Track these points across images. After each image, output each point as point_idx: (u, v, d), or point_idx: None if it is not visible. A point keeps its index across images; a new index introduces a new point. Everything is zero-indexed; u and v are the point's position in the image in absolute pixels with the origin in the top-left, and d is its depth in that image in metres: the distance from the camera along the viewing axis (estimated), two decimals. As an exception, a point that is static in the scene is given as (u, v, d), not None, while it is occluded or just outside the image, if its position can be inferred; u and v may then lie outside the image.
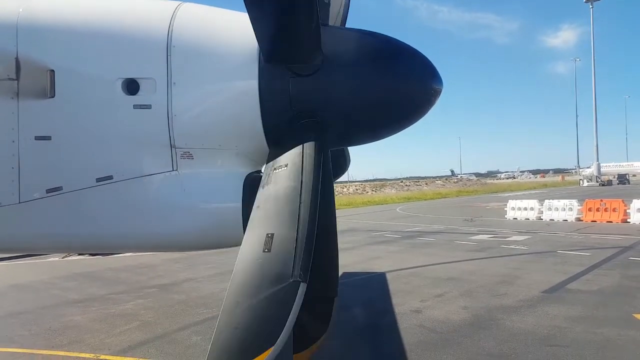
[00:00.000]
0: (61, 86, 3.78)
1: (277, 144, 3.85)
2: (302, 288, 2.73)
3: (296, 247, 2.85)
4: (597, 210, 25.39)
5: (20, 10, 3.89)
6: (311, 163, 3.27)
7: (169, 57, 3.74)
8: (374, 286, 11.92)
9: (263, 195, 3.36)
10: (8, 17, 3.84)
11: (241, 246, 3.13)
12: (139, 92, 3.77)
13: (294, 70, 3.70)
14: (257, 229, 3.14)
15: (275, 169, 3.44)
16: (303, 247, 2.85)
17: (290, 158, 3.40)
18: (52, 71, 3.76)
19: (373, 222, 30.15)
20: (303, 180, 3.17)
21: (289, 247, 2.88)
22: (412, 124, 4.18)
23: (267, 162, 3.72)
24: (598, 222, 24.46)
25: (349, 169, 6.15)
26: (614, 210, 24.67)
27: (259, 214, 3.26)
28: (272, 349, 2.59)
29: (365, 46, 3.90)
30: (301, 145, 3.41)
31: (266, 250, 2.95)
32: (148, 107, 3.76)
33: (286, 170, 3.33)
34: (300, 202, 3.05)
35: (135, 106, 3.76)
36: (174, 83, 3.74)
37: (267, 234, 3.01)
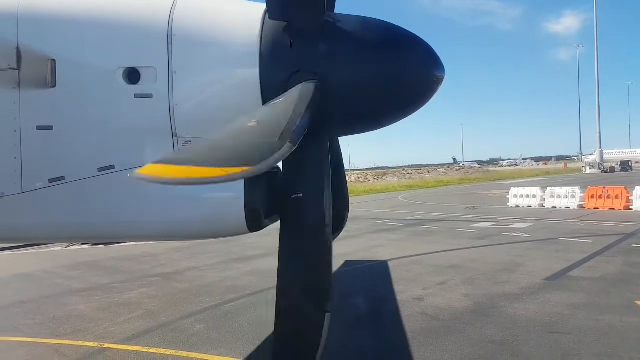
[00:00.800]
0: (62, 76, 3.76)
1: None
2: (289, 147, 2.62)
3: (287, 122, 2.82)
4: (600, 197, 25.39)
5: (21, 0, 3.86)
6: (309, 95, 3.24)
7: (169, 45, 3.71)
8: (376, 274, 11.96)
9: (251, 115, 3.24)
10: (9, 7, 3.82)
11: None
12: (140, 81, 3.75)
13: (297, 27, 3.65)
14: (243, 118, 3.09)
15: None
16: (294, 123, 2.82)
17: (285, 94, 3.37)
18: (54, 61, 3.75)
19: (375, 211, 30.20)
20: (297, 100, 3.14)
21: (279, 119, 2.86)
22: (414, 111, 4.15)
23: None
24: (600, 209, 24.46)
25: (350, 158, 6.07)
26: (616, 197, 24.66)
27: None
28: (249, 168, 2.46)
29: (366, 33, 3.87)
30: (300, 85, 3.39)
31: (254, 122, 2.92)
32: (149, 96, 3.75)
33: (280, 100, 3.29)
34: (293, 112, 2.98)
35: (137, 95, 3.75)
36: (175, 72, 3.72)
37: (256, 120, 2.96)
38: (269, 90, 3.70)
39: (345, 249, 13.93)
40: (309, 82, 3.41)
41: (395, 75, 3.83)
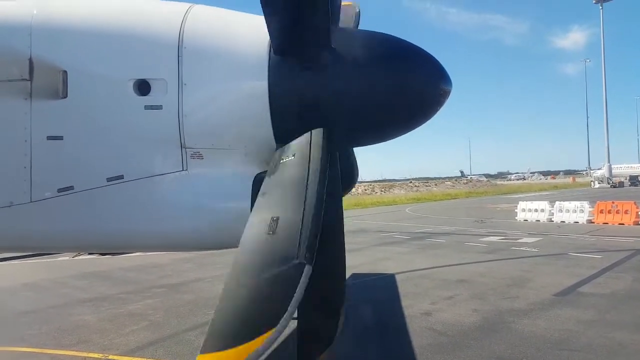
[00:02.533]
0: (73, 87, 3.80)
1: (286, 144, 3.85)
2: (308, 270, 2.63)
3: (302, 229, 2.77)
4: (609, 212, 25.13)
5: (35, 11, 3.92)
6: (318, 151, 3.25)
7: (180, 58, 3.75)
8: (384, 288, 11.88)
9: (269, 182, 3.35)
10: (22, 19, 3.87)
11: (245, 230, 3.09)
12: (150, 93, 3.78)
13: (303, 62, 3.68)
14: (261, 213, 3.11)
15: (282, 158, 3.44)
16: (309, 229, 2.77)
17: (298, 147, 3.39)
18: (65, 72, 3.78)
19: (382, 223, 30.09)
20: (310, 166, 3.14)
21: (294, 229, 2.80)
22: (420, 124, 4.16)
23: (275, 151, 3.71)
24: (610, 224, 24.21)
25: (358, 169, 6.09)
26: (625, 212, 24.41)
27: (264, 199, 3.24)
28: (273, 330, 2.50)
29: (374, 47, 3.89)
30: (309, 133, 3.40)
31: (270, 232, 2.89)
32: (159, 107, 3.77)
33: (293, 159, 3.33)
34: (306, 186, 3.00)
35: (147, 107, 3.78)
36: (185, 84, 3.75)
37: (272, 217, 2.96)
38: (278, 102, 3.71)
39: (352, 261, 13.82)
40: (319, 136, 3.40)
41: (402, 88, 3.84)
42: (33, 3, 4.06)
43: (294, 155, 3.36)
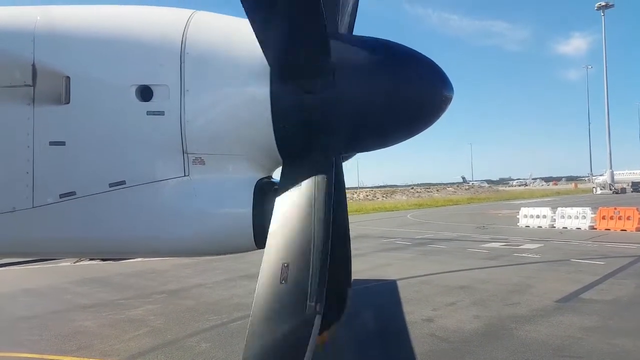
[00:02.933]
0: (76, 92, 3.81)
1: (287, 150, 3.86)
2: (318, 320, 2.90)
3: (311, 279, 3.01)
4: (611, 218, 25.09)
5: (38, 18, 3.94)
6: (322, 195, 3.39)
7: (182, 64, 3.76)
8: (385, 294, 11.85)
9: (277, 223, 3.47)
10: (26, 25, 3.89)
11: (259, 276, 3.27)
12: (153, 99, 3.79)
13: (305, 87, 3.72)
14: (273, 259, 3.29)
15: (289, 201, 3.55)
16: (317, 279, 3.01)
17: (303, 185, 3.52)
18: (68, 78, 3.80)
19: (383, 229, 30.04)
20: (315, 212, 3.31)
21: (303, 278, 3.05)
22: (422, 130, 4.17)
23: (280, 180, 3.77)
24: (612, 230, 24.16)
25: (359, 175, 6.13)
26: (628, 218, 24.36)
27: (274, 243, 3.37)
28: None
29: (375, 54, 3.90)
30: (314, 178, 3.51)
31: (283, 281, 3.12)
32: (161, 113, 3.78)
33: (299, 200, 3.47)
34: (313, 234, 3.19)
35: (149, 112, 3.79)
36: (187, 90, 3.76)
37: (283, 264, 3.17)
38: (279, 108, 3.72)
39: (353, 267, 13.71)
40: (322, 179, 3.50)
41: (404, 95, 3.85)
42: (36, 10, 4.09)
43: (299, 198, 3.48)
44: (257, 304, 3.16)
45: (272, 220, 3.50)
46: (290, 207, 3.48)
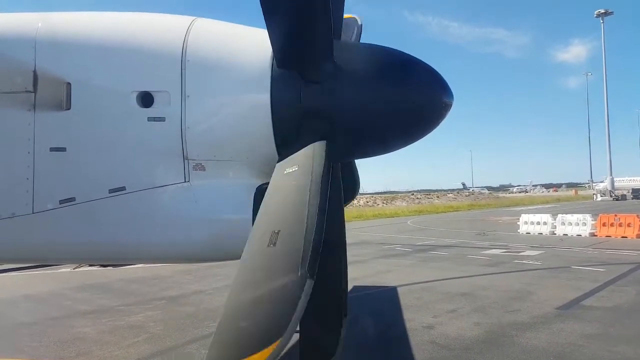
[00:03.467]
0: (77, 99, 3.83)
1: (288, 156, 3.86)
2: (309, 284, 2.63)
3: (304, 243, 2.76)
4: (612, 225, 25.04)
5: (39, 24, 3.96)
6: (320, 163, 3.25)
7: (183, 70, 3.78)
8: (385, 301, 11.81)
9: (271, 194, 3.35)
10: (27, 32, 3.91)
11: (247, 242, 3.08)
12: (154, 105, 3.81)
13: (306, 76, 3.71)
14: (262, 226, 3.11)
15: (284, 170, 3.44)
16: (310, 244, 2.76)
17: (300, 159, 3.40)
18: (69, 84, 3.81)
19: (384, 235, 30.00)
20: (312, 179, 3.13)
21: (295, 243, 2.79)
22: (422, 137, 4.18)
23: (278, 162, 3.72)
24: (612, 237, 24.11)
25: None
26: (628, 225, 24.30)
27: (265, 212, 3.24)
28: (276, 343, 2.50)
29: (376, 60, 3.92)
30: (311, 145, 3.41)
31: (271, 245, 2.88)
32: (162, 119, 3.80)
33: (295, 172, 3.33)
34: (307, 199, 2.98)
35: (150, 118, 3.80)
36: (188, 96, 3.77)
37: (274, 231, 2.95)
38: (280, 115, 3.73)
39: (354, 274, 13.78)
40: (321, 149, 3.41)
41: (404, 101, 3.86)
42: (38, 16, 4.11)
43: (296, 168, 3.36)
44: (242, 266, 2.96)
45: (265, 195, 3.39)
46: (284, 183, 3.36)
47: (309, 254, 2.72)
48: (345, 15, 4.65)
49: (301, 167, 3.33)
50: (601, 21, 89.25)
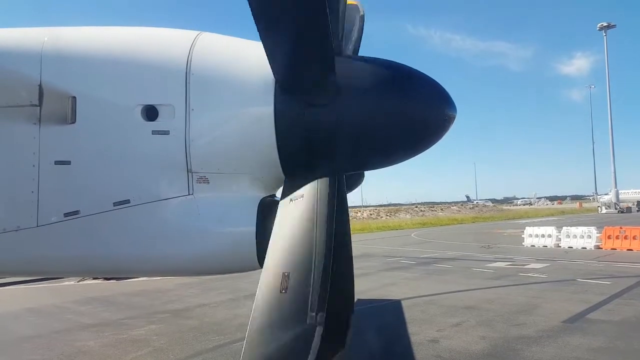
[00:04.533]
0: (82, 112, 3.85)
1: (291, 169, 3.87)
2: (319, 331, 2.81)
3: (312, 290, 2.92)
4: (617, 237, 24.85)
5: (45, 39, 4.00)
6: (324, 204, 3.36)
7: (187, 84, 3.80)
8: (390, 314, 11.73)
9: (278, 233, 3.44)
10: (33, 46, 3.96)
11: (259, 286, 3.22)
12: (158, 118, 3.83)
13: (309, 101, 3.74)
14: (273, 268, 3.25)
15: (289, 203, 3.54)
16: (318, 290, 2.93)
17: (305, 198, 3.48)
18: (74, 98, 3.84)
19: (388, 248, 29.88)
20: (317, 221, 3.26)
21: (304, 288, 2.97)
22: (425, 149, 4.18)
23: (282, 193, 3.76)
24: (618, 250, 23.91)
25: (363, 193, 6.14)
26: (634, 238, 24.11)
27: (274, 252, 3.35)
28: None
29: (378, 74, 3.93)
30: (316, 182, 3.49)
31: (283, 291, 3.04)
32: (166, 132, 3.82)
33: (301, 210, 3.43)
34: (315, 244, 3.13)
35: (154, 132, 3.82)
36: (192, 109, 3.79)
37: (284, 273, 3.10)
38: (283, 128, 3.75)
39: (358, 287, 13.62)
40: (324, 184, 3.49)
41: (407, 114, 3.87)
42: (44, 31, 4.15)
43: (302, 207, 3.45)
44: (256, 313, 3.10)
45: (273, 230, 3.48)
46: (291, 217, 3.44)
47: (318, 302, 2.90)
48: (348, 2, 4.66)
49: (307, 205, 3.43)
50: (604, 34, 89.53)
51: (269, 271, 3.24)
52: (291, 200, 3.53)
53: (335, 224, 3.34)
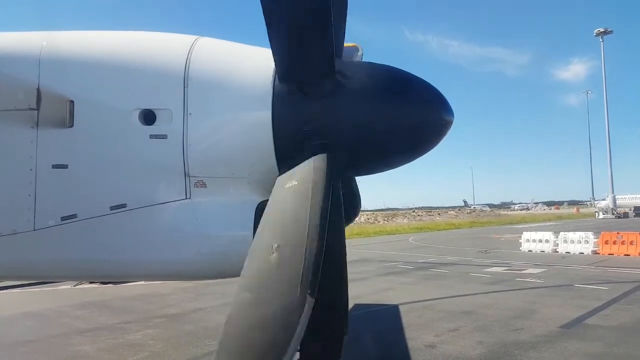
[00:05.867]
0: (80, 116, 3.86)
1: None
2: (310, 302, 2.68)
3: (304, 262, 2.79)
4: (614, 243, 24.90)
5: (44, 43, 4.01)
6: (321, 177, 3.25)
7: (185, 88, 3.81)
8: (386, 319, 11.71)
9: (271, 208, 3.37)
10: (32, 50, 3.96)
11: (248, 257, 3.11)
12: (156, 123, 3.84)
13: (307, 92, 3.74)
14: (263, 240, 3.14)
15: (285, 184, 3.46)
16: (311, 261, 2.79)
17: (300, 173, 3.40)
18: (72, 102, 3.85)
19: (385, 252, 29.86)
20: (312, 194, 3.14)
21: (296, 260, 2.83)
22: (423, 154, 4.20)
23: (279, 176, 3.72)
24: (615, 255, 23.96)
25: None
26: (631, 243, 24.17)
27: (266, 225, 3.25)
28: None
29: (377, 79, 3.95)
30: (311, 159, 3.42)
31: (273, 262, 2.92)
32: (164, 137, 3.82)
33: (296, 185, 3.34)
34: (308, 215, 3.01)
35: (152, 136, 3.83)
36: (190, 114, 3.80)
37: (273, 245, 2.98)
38: (281, 132, 3.76)
39: (355, 291, 13.70)
40: (321, 162, 3.40)
41: (405, 118, 3.88)
42: (42, 35, 4.16)
43: (296, 182, 3.37)
44: (243, 284, 3.00)
45: (265, 210, 3.40)
46: (285, 196, 3.37)
47: (310, 273, 2.75)
48: (346, 44, 4.70)
49: (301, 180, 3.33)
50: (601, 40, 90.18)
51: (259, 244, 3.15)
52: (286, 184, 3.44)
53: (329, 224, 3.29)
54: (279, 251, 2.93)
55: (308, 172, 3.34)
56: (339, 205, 3.88)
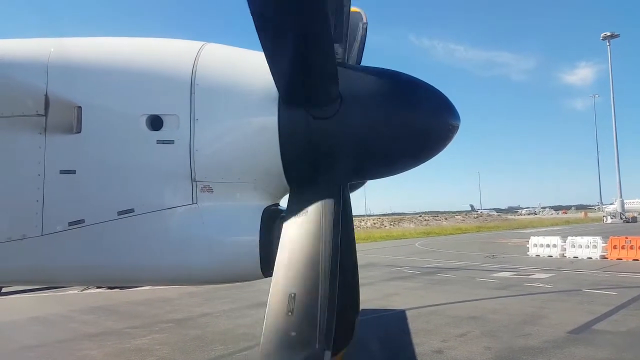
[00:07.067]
0: (87, 122, 3.88)
1: (295, 178, 3.88)
2: (327, 355, 2.84)
3: (319, 312, 2.95)
4: (623, 247, 24.70)
5: (52, 49, 4.05)
6: (330, 221, 3.37)
7: (192, 94, 3.83)
8: (393, 324, 11.67)
9: (284, 252, 3.43)
10: (40, 56, 3.99)
11: (267, 307, 3.23)
12: (163, 128, 3.85)
13: (312, 113, 3.75)
14: (280, 289, 3.25)
15: (295, 221, 3.53)
16: (325, 312, 2.96)
17: (310, 211, 3.50)
18: (80, 107, 3.87)
19: (391, 257, 29.78)
20: (323, 240, 3.28)
21: (312, 310, 3.00)
22: (429, 159, 4.19)
23: (288, 203, 3.77)
24: (624, 260, 23.75)
25: (367, 203, 6.16)
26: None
27: (281, 273, 3.34)
28: None
29: (382, 84, 3.95)
30: (321, 197, 3.51)
31: (289, 313, 3.06)
32: (171, 142, 3.84)
33: (306, 227, 3.44)
34: (321, 264, 3.16)
35: (159, 141, 3.84)
36: (197, 119, 3.82)
37: (290, 295, 3.12)
38: (287, 137, 3.76)
39: (362, 296, 13.54)
40: (331, 205, 3.50)
41: (410, 124, 3.88)
42: (50, 41, 4.20)
43: (308, 222, 3.46)
44: (265, 335, 3.12)
45: (278, 250, 3.48)
46: (297, 235, 3.45)
47: (325, 326, 2.93)
48: (351, 9, 4.67)
49: (313, 224, 3.44)
50: (607, 43, 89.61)
51: (277, 293, 3.26)
52: (296, 218, 3.55)
53: (340, 232, 3.36)
54: (295, 300, 3.09)
55: (319, 212, 3.46)
56: (348, 211, 3.91)
